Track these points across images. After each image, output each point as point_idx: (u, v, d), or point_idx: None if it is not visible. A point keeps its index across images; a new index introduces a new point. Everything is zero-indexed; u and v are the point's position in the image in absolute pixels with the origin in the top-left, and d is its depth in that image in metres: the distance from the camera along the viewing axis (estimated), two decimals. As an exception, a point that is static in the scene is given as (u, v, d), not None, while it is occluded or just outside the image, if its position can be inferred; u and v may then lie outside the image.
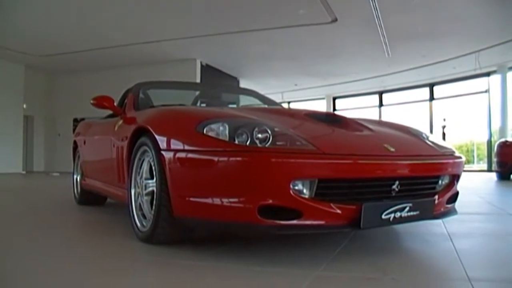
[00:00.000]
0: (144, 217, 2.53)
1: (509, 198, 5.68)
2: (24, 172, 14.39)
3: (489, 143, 14.40)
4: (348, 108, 19.35)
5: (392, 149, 2.17)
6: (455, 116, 16.13)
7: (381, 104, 18.37)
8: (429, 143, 2.54)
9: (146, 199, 2.50)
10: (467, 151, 17.55)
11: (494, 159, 9.42)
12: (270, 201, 1.89)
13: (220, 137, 2.01)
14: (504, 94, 13.72)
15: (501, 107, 13.77)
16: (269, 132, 1.99)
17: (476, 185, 7.72)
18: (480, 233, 2.84)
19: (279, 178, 1.88)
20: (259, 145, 1.94)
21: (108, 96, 3.46)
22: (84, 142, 4.28)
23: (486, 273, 1.91)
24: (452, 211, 2.49)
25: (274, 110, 2.92)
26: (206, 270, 1.92)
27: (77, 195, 4.58)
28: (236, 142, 1.96)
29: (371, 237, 2.60)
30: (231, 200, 1.95)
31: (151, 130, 2.41)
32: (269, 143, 1.95)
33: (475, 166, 16.61)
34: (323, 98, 19.66)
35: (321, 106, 19.55)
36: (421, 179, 2.27)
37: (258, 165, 1.88)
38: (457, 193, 2.55)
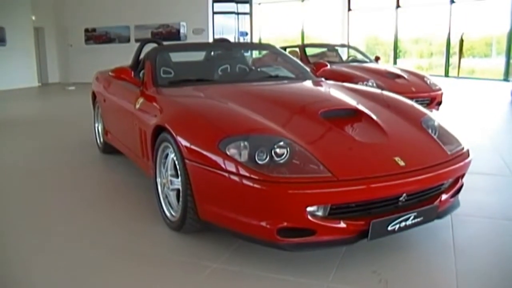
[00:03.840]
0: (171, 206, 2.78)
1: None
2: (39, 85, 14.59)
3: (510, 35, 13.73)
4: (362, 9, 18.63)
5: (402, 163, 2.28)
6: (475, 19, 15.44)
7: (398, 6, 17.55)
8: (438, 141, 2.62)
9: (172, 193, 2.73)
10: (486, 44, 16.98)
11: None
12: (288, 224, 2.11)
13: (241, 159, 2.18)
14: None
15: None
16: (288, 149, 2.20)
17: (488, 115, 7.67)
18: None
19: (295, 206, 2.08)
20: (277, 160, 2.16)
21: (126, 68, 3.57)
22: (104, 100, 4.38)
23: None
24: (455, 205, 2.65)
25: (290, 103, 2.95)
26: (216, 272, 2.24)
27: (100, 144, 4.82)
28: (257, 161, 2.14)
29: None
30: (252, 220, 2.17)
31: (173, 133, 2.55)
32: (286, 158, 2.17)
33: (492, 62, 16.17)
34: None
35: (336, 5, 18.90)
36: (428, 189, 2.42)
37: (276, 196, 2.07)
38: (461, 186, 2.69)
